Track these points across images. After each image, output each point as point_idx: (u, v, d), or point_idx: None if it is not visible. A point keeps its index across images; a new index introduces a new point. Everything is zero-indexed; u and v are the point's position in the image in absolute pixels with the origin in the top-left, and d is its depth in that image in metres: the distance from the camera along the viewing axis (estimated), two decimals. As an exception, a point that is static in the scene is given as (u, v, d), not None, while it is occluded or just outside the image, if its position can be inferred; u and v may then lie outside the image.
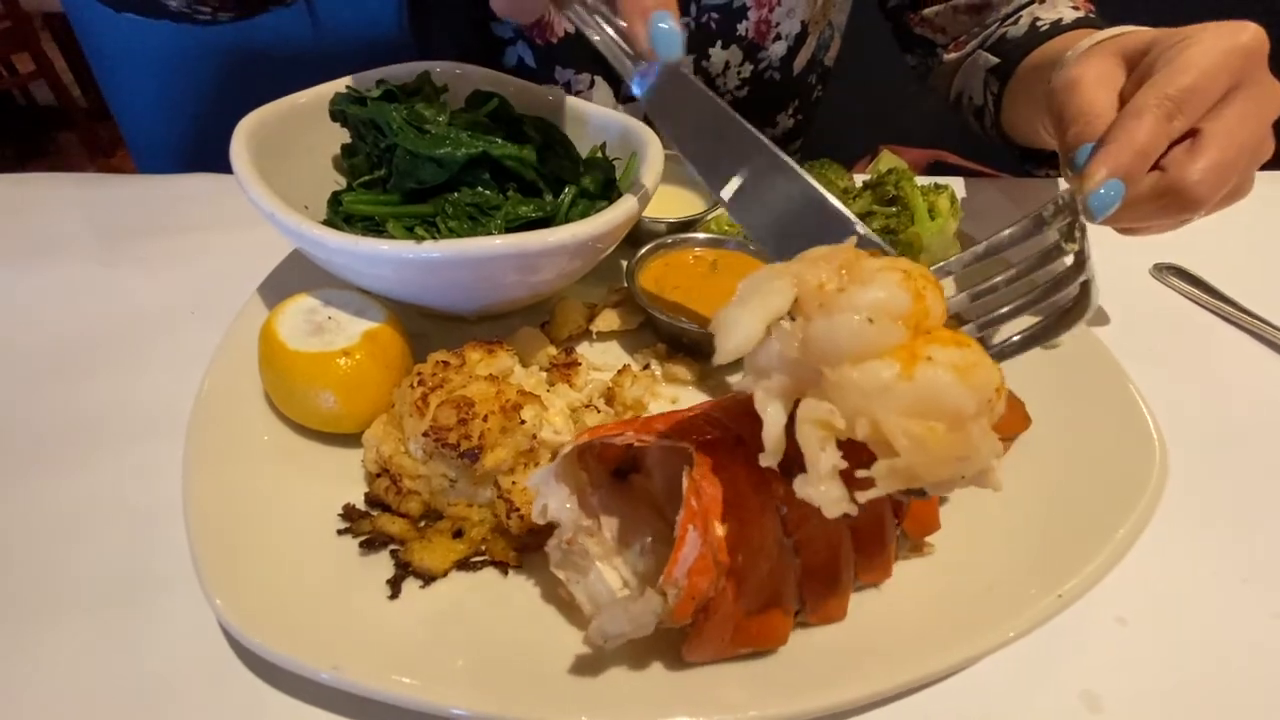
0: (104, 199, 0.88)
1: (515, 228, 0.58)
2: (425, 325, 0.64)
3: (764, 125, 1.08)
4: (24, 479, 0.56)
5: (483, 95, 0.66)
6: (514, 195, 0.60)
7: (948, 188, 0.71)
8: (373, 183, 0.62)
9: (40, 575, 0.50)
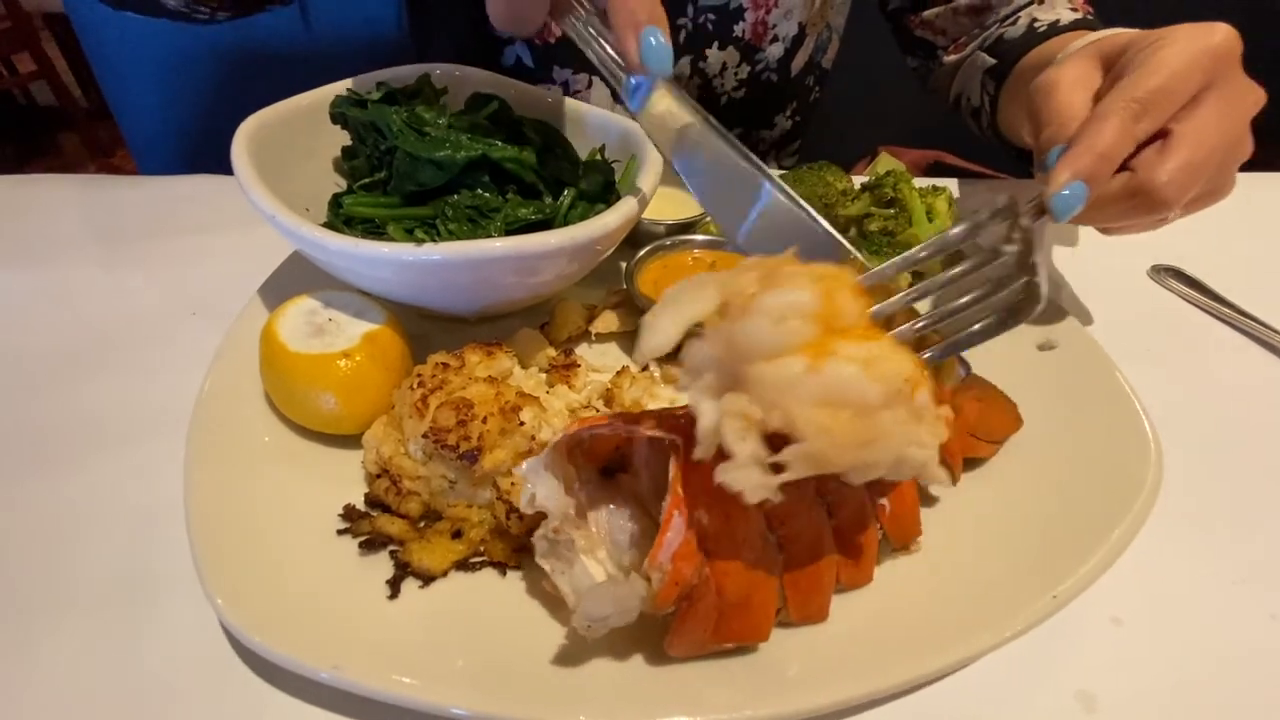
0: (105, 200, 0.88)
1: (514, 230, 0.59)
2: (425, 327, 0.64)
3: (762, 127, 1.08)
4: (25, 480, 0.56)
5: (482, 98, 0.66)
6: (513, 198, 0.60)
7: (945, 189, 0.71)
8: (373, 185, 0.62)
9: (42, 575, 0.50)
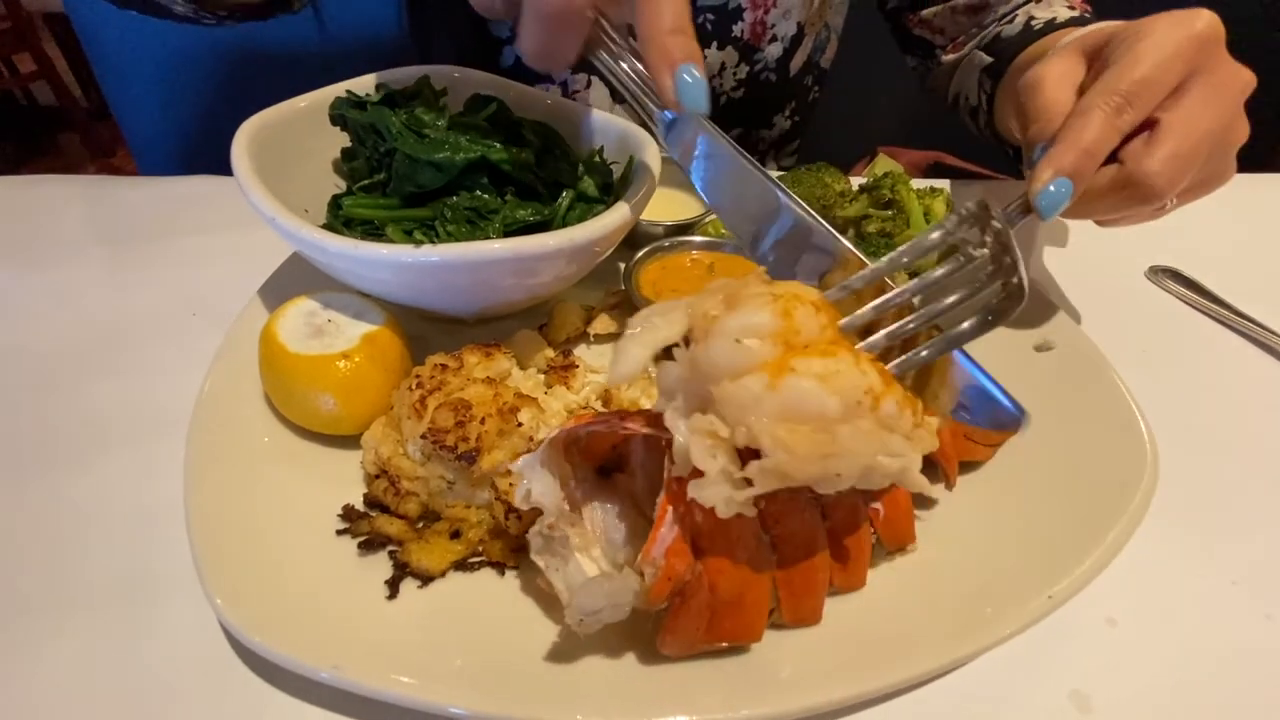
0: (105, 201, 0.88)
1: (513, 231, 0.59)
2: (424, 328, 0.64)
3: (761, 127, 1.08)
4: (26, 480, 0.57)
5: (482, 99, 0.66)
6: (512, 199, 0.60)
7: (943, 191, 0.71)
8: (372, 186, 0.62)
9: (43, 575, 0.50)
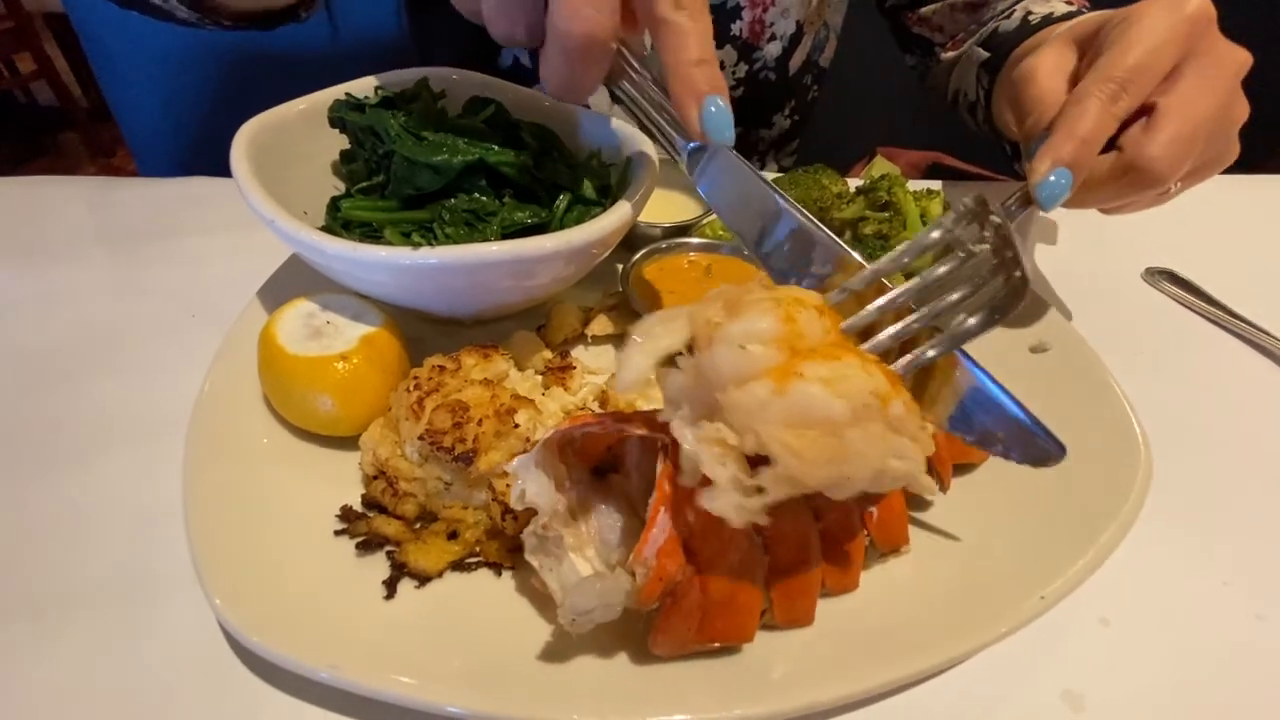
0: (105, 202, 0.88)
1: (511, 233, 0.59)
2: (422, 329, 0.65)
3: (760, 126, 1.08)
4: (26, 480, 0.57)
5: (480, 101, 0.67)
6: (510, 201, 0.61)
7: (939, 193, 0.71)
8: (371, 189, 0.63)
9: (43, 575, 0.51)
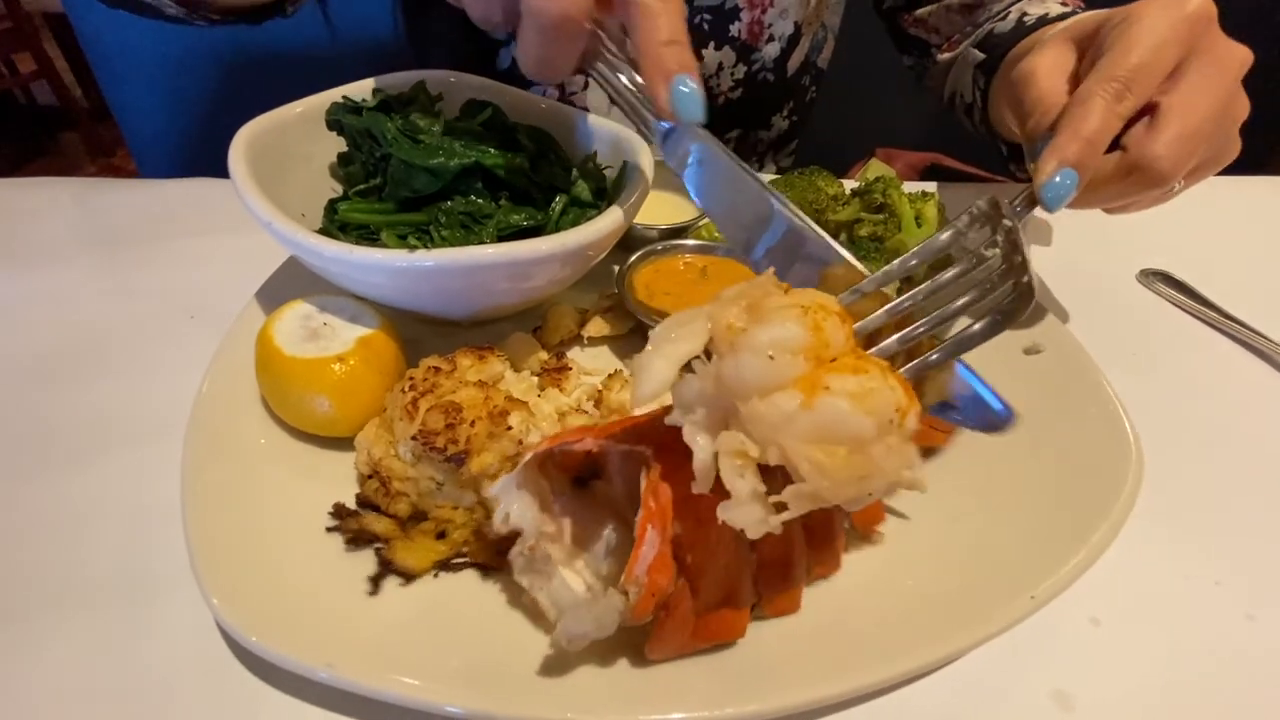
0: (103, 203, 0.89)
1: (507, 236, 0.59)
2: (419, 330, 0.65)
3: (758, 127, 1.08)
4: (25, 480, 0.57)
5: (477, 104, 0.67)
6: (506, 204, 0.61)
7: (934, 195, 0.72)
8: (368, 191, 0.63)
9: (40, 575, 0.51)
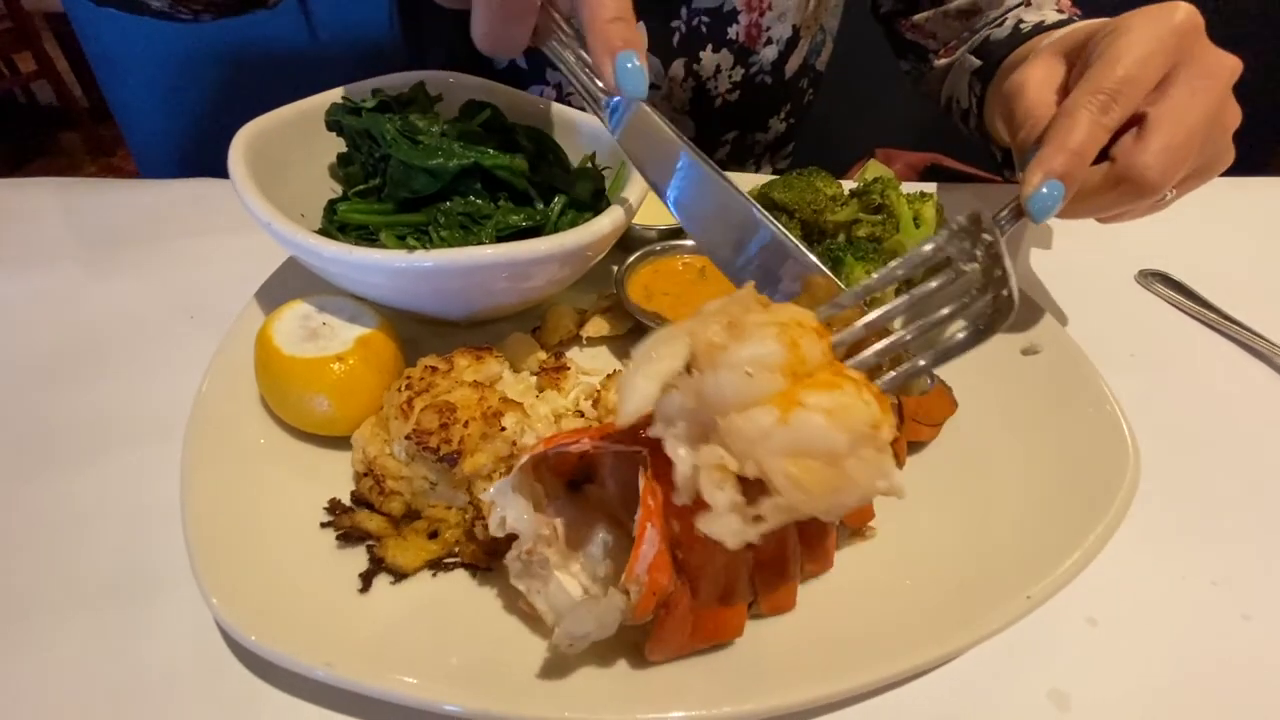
0: (103, 203, 0.89)
1: (506, 236, 0.60)
2: (418, 330, 0.65)
3: (756, 129, 1.09)
4: (25, 480, 0.58)
5: (476, 105, 0.67)
6: (505, 204, 0.61)
7: (931, 196, 0.72)
8: (367, 191, 0.63)
9: (42, 575, 0.51)
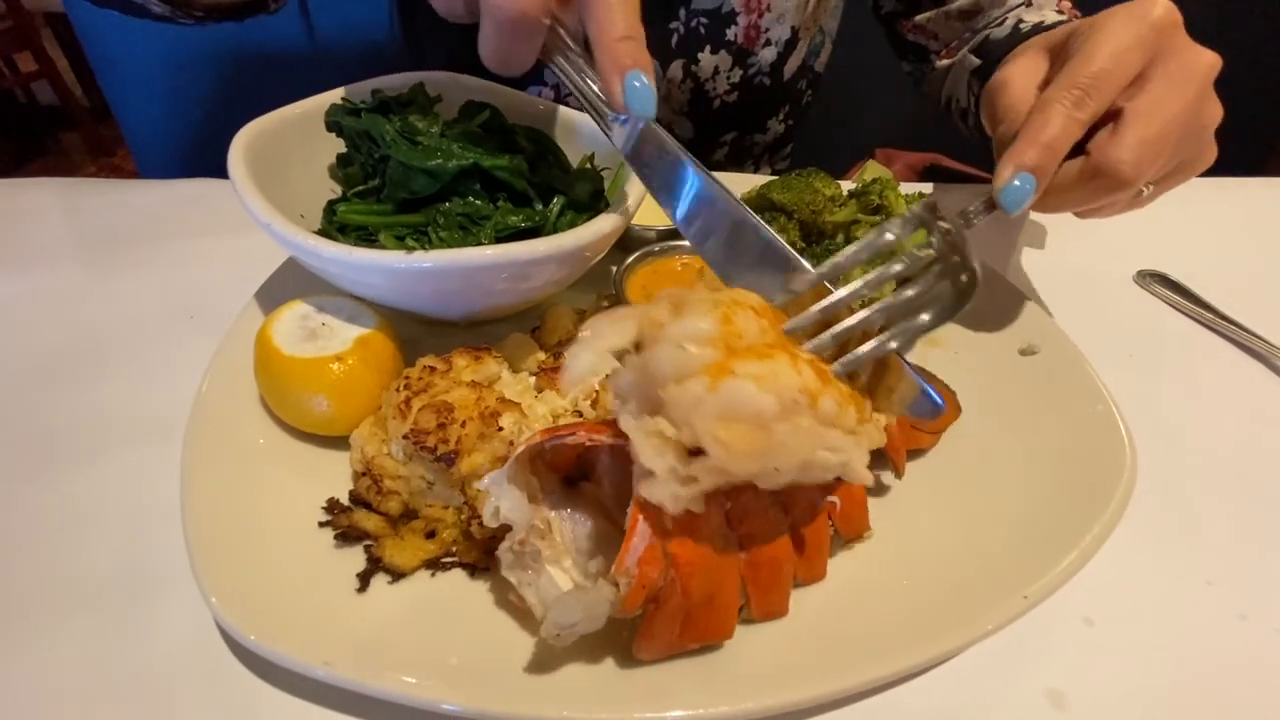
0: (103, 204, 0.89)
1: (505, 237, 0.60)
2: (417, 330, 0.65)
3: (754, 130, 1.09)
4: (26, 480, 0.58)
5: (475, 105, 0.67)
6: (504, 205, 0.61)
7: (930, 196, 0.72)
8: (367, 192, 0.63)
9: (42, 575, 0.51)
